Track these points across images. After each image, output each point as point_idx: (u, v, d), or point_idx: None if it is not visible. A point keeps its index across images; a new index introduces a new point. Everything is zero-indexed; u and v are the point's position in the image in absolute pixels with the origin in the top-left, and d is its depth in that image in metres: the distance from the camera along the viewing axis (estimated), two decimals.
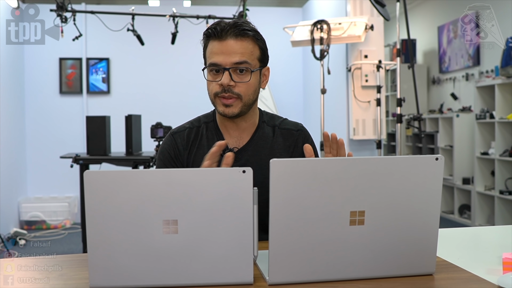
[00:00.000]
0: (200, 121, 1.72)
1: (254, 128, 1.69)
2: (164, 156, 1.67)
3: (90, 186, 1.10)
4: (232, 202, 1.13)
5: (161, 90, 6.52)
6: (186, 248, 1.14)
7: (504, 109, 5.24)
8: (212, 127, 1.69)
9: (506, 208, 5.31)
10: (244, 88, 1.57)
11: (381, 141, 4.99)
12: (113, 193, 1.11)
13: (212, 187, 1.12)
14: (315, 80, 6.01)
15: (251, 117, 1.67)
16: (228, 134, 1.68)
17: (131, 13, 4.66)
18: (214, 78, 1.57)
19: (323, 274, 1.18)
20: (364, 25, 4.68)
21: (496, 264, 1.32)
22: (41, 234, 5.62)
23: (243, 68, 1.55)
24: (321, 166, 1.14)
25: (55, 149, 6.02)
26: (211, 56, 1.56)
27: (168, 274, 1.15)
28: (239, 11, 4.93)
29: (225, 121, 1.66)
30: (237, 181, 1.12)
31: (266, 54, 1.63)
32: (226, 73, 1.54)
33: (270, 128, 1.70)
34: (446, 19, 6.89)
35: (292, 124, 1.74)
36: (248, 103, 1.60)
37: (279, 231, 1.14)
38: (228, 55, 1.53)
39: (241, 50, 1.54)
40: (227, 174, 1.13)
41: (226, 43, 1.54)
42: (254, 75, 1.58)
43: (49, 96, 6.36)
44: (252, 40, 1.57)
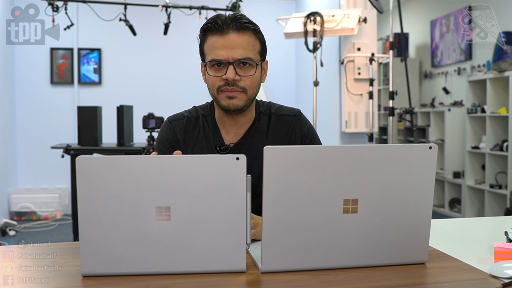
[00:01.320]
0: (198, 112, 1.68)
1: (250, 122, 1.67)
2: (163, 146, 1.64)
3: (82, 172, 1.09)
4: (225, 189, 1.12)
5: (153, 81, 6.49)
6: (179, 235, 1.13)
7: (496, 103, 5.27)
8: (210, 121, 1.67)
9: (496, 202, 5.35)
10: (249, 82, 1.55)
11: (373, 134, 5.00)
12: (105, 179, 1.10)
13: (205, 174, 1.11)
14: (307, 72, 6.00)
15: (250, 111, 1.66)
16: (225, 130, 1.66)
17: (124, 3, 4.63)
18: (216, 72, 1.55)
19: (315, 262, 1.18)
20: (358, 18, 4.67)
21: (487, 253, 1.33)
22: (31, 225, 5.59)
23: (246, 62, 1.53)
24: (315, 154, 1.14)
25: (46, 140, 5.98)
26: (212, 51, 1.53)
27: (160, 261, 1.14)
28: (232, 2, 4.91)
29: (224, 116, 1.64)
30: (230, 168, 1.12)
31: (265, 48, 1.62)
32: (231, 68, 1.52)
33: (267, 118, 1.69)
34: (438, 13, 6.90)
35: (289, 110, 1.73)
36: (251, 97, 1.59)
37: (272, 219, 1.14)
38: (231, 49, 1.51)
39: (244, 44, 1.53)
40: (221, 161, 1.12)
41: (228, 37, 1.52)
42: (257, 68, 1.57)
43: (40, 86, 6.30)
44: (253, 34, 1.56)
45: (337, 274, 1.16)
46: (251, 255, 1.27)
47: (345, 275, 1.15)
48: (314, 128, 1.76)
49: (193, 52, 6.56)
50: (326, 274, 1.16)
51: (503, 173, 5.25)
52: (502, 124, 5.25)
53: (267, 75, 1.66)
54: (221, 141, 1.64)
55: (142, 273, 1.14)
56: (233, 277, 1.14)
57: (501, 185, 5.23)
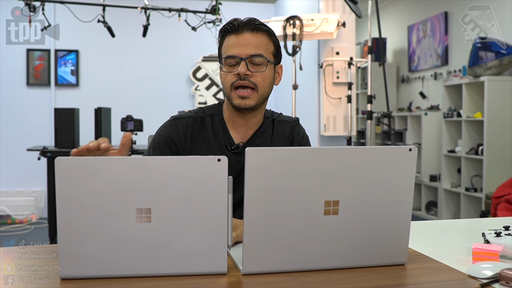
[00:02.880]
0: (205, 113, 1.69)
1: (259, 124, 1.71)
2: (159, 139, 1.63)
3: (61, 173, 1.08)
4: (207, 191, 1.12)
5: (132, 83, 6.44)
6: (159, 237, 1.12)
7: (471, 108, 5.36)
8: (218, 121, 1.68)
9: (471, 205, 5.43)
10: (260, 78, 1.60)
11: (351, 137, 5.04)
12: (85, 180, 1.08)
13: (186, 175, 1.11)
14: (287, 76, 6.01)
15: (260, 113, 1.69)
16: (234, 129, 1.68)
17: (102, 4, 4.59)
18: (230, 69, 1.60)
19: (296, 264, 1.18)
20: (337, 22, 4.71)
21: (465, 254, 1.34)
22: (6, 229, 5.49)
23: (258, 59, 1.58)
24: (297, 155, 1.14)
25: (21, 142, 5.88)
26: (227, 49, 1.60)
27: (141, 263, 1.13)
28: (211, 5, 4.91)
29: (235, 116, 1.66)
30: (212, 169, 1.11)
31: (280, 52, 1.68)
32: (243, 63, 1.57)
33: (271, 124, 1.74)
34: (416, 18, 6.99)
35: (288, 117, 1.80)
36: (264, 96, 1.62)
37: (254, 220, 1.14)
38: (244, 47, 1.58)
39: (257, 42, 1.59)
40: (202, 162, 1.12)
41: (242, 36, 1.59)
42: (269, 67, 1.62)
43: (16, 88, 6.21)
44: (267, 35, 1.62)
45: (318, 276, 1.16)
46: (232, 257, 1.26)
47: (326, 277, 1.16)
48: (307, 136, 1.82)
49: (172, 54, 6.57)
50: (307, 275, 1.16)
51: (478, 177, 5.34)
52: (478, 128, 5.34)
53: (281, 79, 1.72)
54: (231, 140, 1.66)
55: (122, 275, 1.13)
56: (214, 279, 1.14)
57: (476, 188, 5.32)
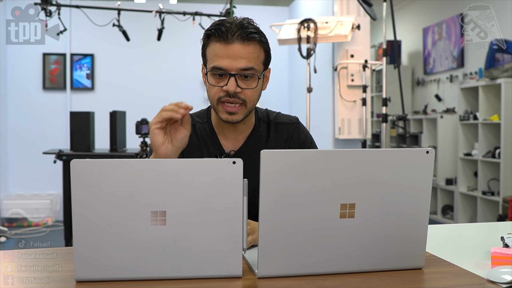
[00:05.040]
0: (194, 120, 1.65)
1: (250, 129, 1.65)
2: None
3: (77, 176, 1.08)
4: (222, 193, 1.11)
5: (147, 87, 6.47)
6: (175, 240, 1.11)
7: (488, 110, 5.30)
8: (207, 128, 1.64)
9: (488, 209, 5.36)
10: (250, 94, 1.52)
11: (366, 140, 5.00)
12: (100, 183, 1.08)
13: (201, 177, 1.10)
14: (301, 79, 6.01)
15: (249, 119, 1.63)
16: (224, 137, 1.64)
17: (117, 8, 4.62)
18: (218, 82, 1.50)
19: (312, 267, 1.17)
20: (351, 25, 4.69)
21: (484, 259, 1.32)
22: (22, 232, 5.54)
23: (249, 71, 1.49)
24: (312, 158, 1.13)
25: (37, 145, 5.94)
26: (214, 58, 1.49)
27: (156, 266, 1.13)
28: (226, 9, 4.91)
29: (223, 124, 1.60)
30: (227, 172, 1.11)
31: (269, 57, 1.58)
32: (232, 79, 1.47)
33: (265, 125, 1.68)
34: (431, 21, 6.94)
35: (287, 118, 1.72)
36: (251, 109, 1.56)
37: (269, 223, 1.13)
38: (234, 60, 1.46)
39: (248, 55, 1.48)
40: (217, 164, 1.11)
41: (232, 47, 1.46)
42: (259, 81, 1.54)
43: (32, 91, 6.27)
44: (258, 44, 1.51)
45: (334, 279, 1.15)
46: (247, 260, 1.26)
47: (342, 280, 1.14)
48: (311, 135, 1.75)
49: (186, 58, 6.59)
50: (323, 279, 1.15)
51: (495, 180, 5.27)
52: (494, 131, 5.28)
53: (268, 82, 1.64)
54: (221, 149, 1.62)
55: (136, 278, 1.13)
56: (229, 282, 1.13)
57: (494, 192, 5.25)
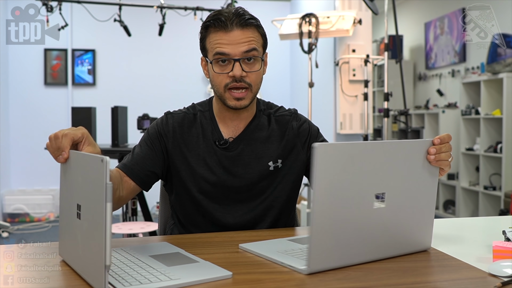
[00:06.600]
0: (195, 109, 1.68)
1: (251, 117, 1.66)
2: (152, 132, 1.64)
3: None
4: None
5: (148, 82, 6.47)
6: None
7: (490, 105, 5.29)
8: (208, 116, 1.66)
9: (490, 204, 5.36)
10: (254, 77, 1.55)
11: (368, 135, 5.00)
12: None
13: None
14: (302, 74, 6.00)
15: (252, 105, 1.65)
16: (224, 124, 1.64)
17: (118, 3, 4.61)
18: (223, 69, 1.53)
19: (354, 258, 1.20)
20: (353, 19, 4.67)
21: (485, 252, 1.32)
22: (24, 227, 5.56)
23: (251, 57, 1.53)
24: (359, 150, 1.18)
25: (39, 141, 5.93)
26: (216, 46, 1.52)
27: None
28: (227, 3, 4.90)
29: (225, 111, 1.62)
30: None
31: (266, 41, 1.62)
32: (237, 64, 1.51)
33: (266, 117, 1.69)
34: (433, 15, 6.93)
35: (286, 110, 1.74)
36: (256, 93, 1.59)
37: (322, 219, 1.13)
38: (236, 45, 1.51)
39: (248, 39, 1.52)
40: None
41: (232, 33, 1.51)
42: (262, 63, 1.57)
43: (34, 87, 6.27)
44: (255, 28, 1.56)
45: (335, 274, 1.15)
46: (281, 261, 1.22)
47: (343, 274, 1.14)
48: (310, 121, 1.76)
49: (188, 53, 6.59)
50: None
51: (497, 175, 5.27)
52: (496, 126, 5.27)
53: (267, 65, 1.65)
54: (220, 135, 1.63)
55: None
56: None
57: (495, 186, 5.25)
